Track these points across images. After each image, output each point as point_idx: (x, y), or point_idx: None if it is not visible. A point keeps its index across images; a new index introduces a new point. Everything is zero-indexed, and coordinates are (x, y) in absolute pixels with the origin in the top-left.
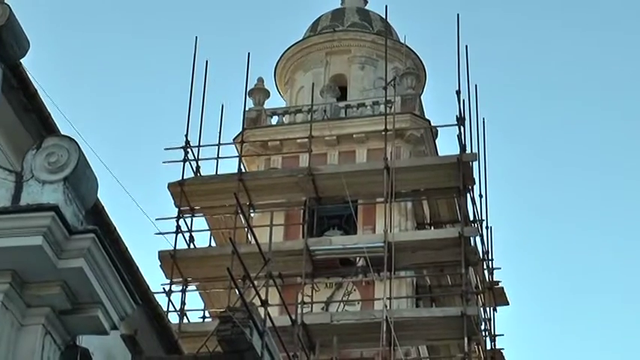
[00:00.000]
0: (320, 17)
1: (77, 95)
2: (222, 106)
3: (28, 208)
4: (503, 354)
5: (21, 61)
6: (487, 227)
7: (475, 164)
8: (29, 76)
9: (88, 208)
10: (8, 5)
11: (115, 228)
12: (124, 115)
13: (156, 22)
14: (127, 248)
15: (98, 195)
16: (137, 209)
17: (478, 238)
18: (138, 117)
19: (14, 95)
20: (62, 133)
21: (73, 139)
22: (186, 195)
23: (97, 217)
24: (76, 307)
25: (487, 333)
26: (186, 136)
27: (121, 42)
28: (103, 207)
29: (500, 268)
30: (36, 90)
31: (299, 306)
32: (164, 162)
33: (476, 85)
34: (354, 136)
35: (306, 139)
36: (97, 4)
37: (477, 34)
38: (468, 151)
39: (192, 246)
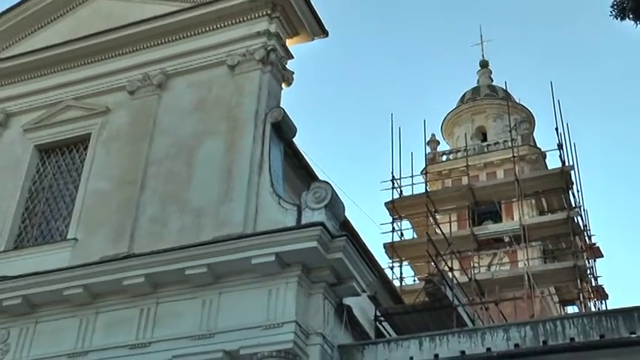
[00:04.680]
0: (465, 93)
1: (326, 153)
2: (412, 153)
3: (306, 225)
4: (604, 288)
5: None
6: (584, 210)
7: (572, 172)
8: (298, 147)
9: (340, 222)
10: (282, 108)
11: (356, 232)
12: (356, 164)
13: (367, 105)
14: (364, 243)
15: (345, 214)
16: (368, 219)
17: (579, 218)
18: (363, 165)
19: (290, 160)
20: (321, 179)
21: (328, 183)
22: (396, 208)
23: (346, 226)
24: (340, 281)
25: (592, 276)
26: (392, 173)
27: (351, 122)
28: (348, 220)
29: (595, 235)
30: (303, 156)
31: (472, 269)
32: (381, 190)
33: (567, 123)
34: (494, 162)
35: (465, 167)
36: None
37: (565, 90)
38: (567, 164)
39: (402, 238)
